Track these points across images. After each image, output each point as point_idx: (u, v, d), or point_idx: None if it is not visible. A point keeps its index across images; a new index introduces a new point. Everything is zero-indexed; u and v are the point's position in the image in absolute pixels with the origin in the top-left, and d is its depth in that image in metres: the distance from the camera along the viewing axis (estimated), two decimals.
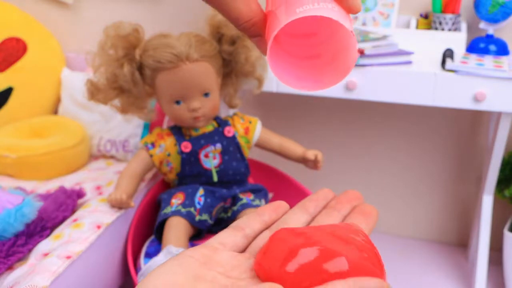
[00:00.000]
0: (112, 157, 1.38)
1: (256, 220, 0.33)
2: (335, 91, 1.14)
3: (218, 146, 1.07)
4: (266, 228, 0.33)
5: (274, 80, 1.17)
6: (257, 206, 1.05)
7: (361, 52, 1.10)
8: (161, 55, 1.00)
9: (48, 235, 0.96)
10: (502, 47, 1.21)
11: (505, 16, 1.18)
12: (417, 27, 1.30)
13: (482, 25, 1.22)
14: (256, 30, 0.31)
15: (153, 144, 1.09)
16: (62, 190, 1.10)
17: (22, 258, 0.90)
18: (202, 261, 0.28)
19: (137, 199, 1.13)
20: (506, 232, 1.27)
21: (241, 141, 1.10)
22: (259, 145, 1.15)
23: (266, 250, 0.28)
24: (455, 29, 1.24)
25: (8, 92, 1.40)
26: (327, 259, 0.26)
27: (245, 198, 1.08)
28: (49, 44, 1.51)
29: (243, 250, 0.31)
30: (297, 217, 0.34)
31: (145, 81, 1.05)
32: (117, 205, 1.03)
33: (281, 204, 0.35)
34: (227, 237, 0.31)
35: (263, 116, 1.26)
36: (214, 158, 1.07)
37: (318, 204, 0.35)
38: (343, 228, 0.29)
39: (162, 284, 0.25)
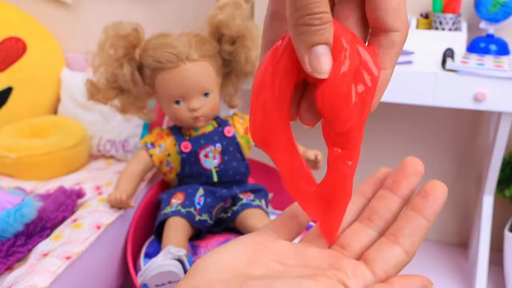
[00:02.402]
0: (112, 157, 1.38)
1: None
2: None
3: (218, 146, 1.07)
4: None
5: None
6: (257, 206, 1.04)
7: None
8: (161, 55, 1.00)
9: (47, 235, 0.96)
10: (503, 47, 1.21)
11: (505, 16, 1.17)
12: (417, 27, 1.30)
13: (483, 24, 1.21)
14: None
15: (153, 144, 1.08)
16: (61, 190, 1.10)
17: (22, 258, 0.90)
18: (256, 248, 0.27)
19: (137, 199, 1.13)
20: (506, 232, 1.27)
21: (241, 141, 1.10)
22: None
23: None
24: (456, 29, 1.24)
25: (7, 92, 1.40)
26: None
27: (245, 198, 1.07)
28: (48, 44, 1.50)
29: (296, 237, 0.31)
30: (351, 205, 0.30)
31: (145, 81, 1.05)
32: (117, 205, 1.03)
33: None
34: (281, 226, 0.30)
35: None
36: (214, 158, 1.07)
37: (376, 186, 0.31)
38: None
39: (218, 264, 0.25)
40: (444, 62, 1.09)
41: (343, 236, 0.29)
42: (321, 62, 0.24)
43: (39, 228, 0.95)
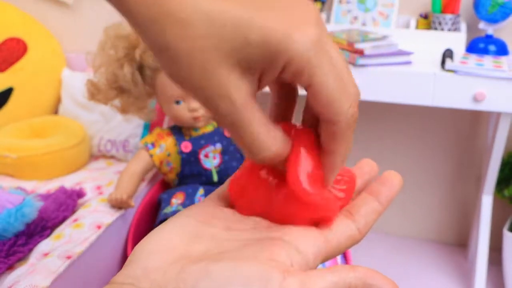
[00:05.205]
0: (112, 157, 1.38)
1: None
2: None
3: (218, 146, 1.07)
4: None
5: None
6: None
7: (361, 53, 1.10)
8: None
9: (48, 235, 0.96)
10: (502, 47, 1.21)
11: (504, 16, 1.18)
12: (416, 27, 1.30)
13: (482, 25, 1.22)
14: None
15: (153, 144, 1.09)
16: (62, 190, 1.10)
17: (23, 258, 0.90)
18: (201, 219, 0.26)
19: (137, 199, 1.13)
20: (505, 232, 1.27)
21: None
22: None
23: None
24: (455, 29, 1.24)
25: (8, 92, 1.41)
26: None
27: None
28: (49, 44, 1.51)
29: None
30: None
31: (145, 81, 1.05)
32: (117, 205, 1.04)
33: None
34: (226, 191, 0.29)
35: None
36: (214, 158, 1.07)
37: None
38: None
39: (155, 249, 0.24)
40: (443, 62, 1.10)
41: None
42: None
43: (39, 227, 0.95)
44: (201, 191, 1.06)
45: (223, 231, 0.26)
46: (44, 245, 0.92)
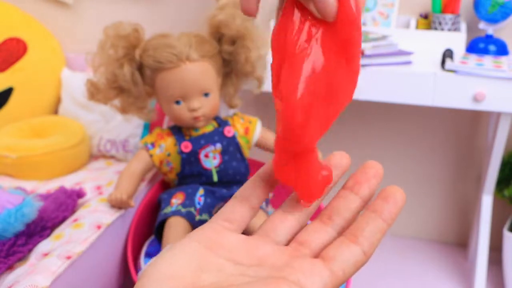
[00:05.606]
0: (112, 157, 1.38)
1: (260, 188, 0.31)
2: None
3: (218, 146, 1.07)
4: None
5: None
6: None
7: (361, 53, 1.10)
8: (161, 55, 1.00)
9: (48, 235, 0.96)
10: (502, 47, 1.21)
11: (504, 16, 1.18)
12: (416, 27, 1.30)
13: (482, 25, 1.22)
14: None
15: (153, 144, 1.09)
16: (62, 190, 1.10)
17: (22, 258, 0.90)
18: (208, 246, 0.27)
19: (137, 199, 1.13)
20: (505, 232, 1.28)
21: (241, 141, 1.11)
22: (259, 145, 1.15)
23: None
24: (455, 29, 1.24)
25: (8, 92, 1.40)
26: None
27: None
28: (49, 44, 1.51)
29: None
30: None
31: (145, 81, 1.05)
32: (117, 205, 1.03)
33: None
34: (233, 212, 0.30)
35: (263, 116, 1.26)
36: (214, 158, 1.07)
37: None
38: None
39: (165, 276, 0.24)
40: (443, 62, 1.10)
41: (302, 233, 0.29)
42: (327, 7, 0.25)
43: (39, 227, 0.95)
44: (201, 191, 1.06)
45: (230, 264, 0.26)
46: (44, 245, 0.92)
